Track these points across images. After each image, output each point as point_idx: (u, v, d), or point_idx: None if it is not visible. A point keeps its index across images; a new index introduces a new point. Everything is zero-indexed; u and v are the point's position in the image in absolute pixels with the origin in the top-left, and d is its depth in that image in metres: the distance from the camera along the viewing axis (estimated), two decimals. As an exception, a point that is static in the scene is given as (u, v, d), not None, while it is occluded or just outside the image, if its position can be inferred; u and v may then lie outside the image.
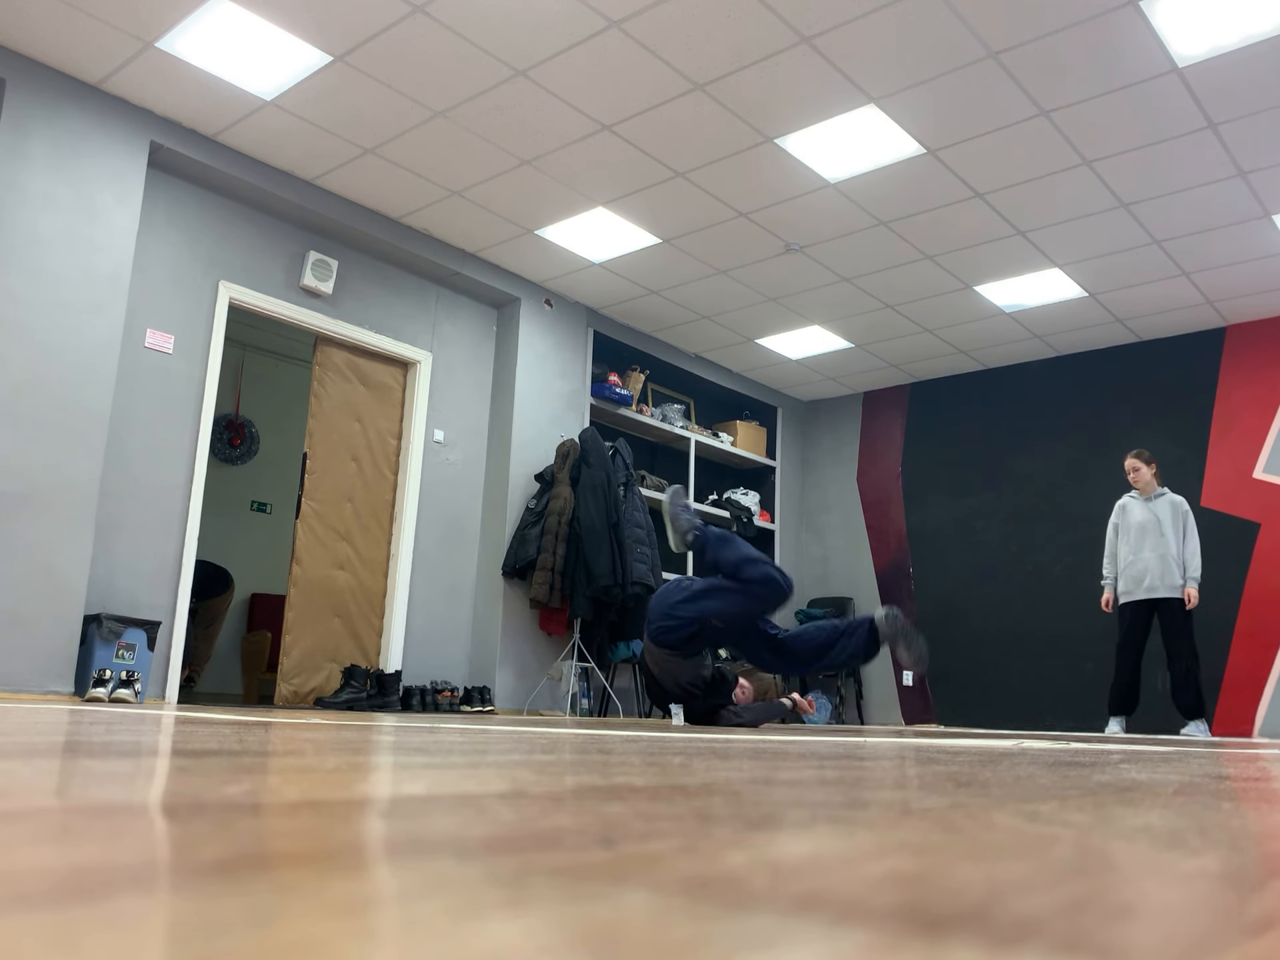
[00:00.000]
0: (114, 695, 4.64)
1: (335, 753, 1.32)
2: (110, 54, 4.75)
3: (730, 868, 0.47)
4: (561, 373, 7.17)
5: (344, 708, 5.55)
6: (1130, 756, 2.15)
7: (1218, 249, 6.09)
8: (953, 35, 4.34)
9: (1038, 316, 7.20)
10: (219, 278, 5.64)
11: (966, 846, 0.58)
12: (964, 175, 5.43)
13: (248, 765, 1.04)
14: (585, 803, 0.75)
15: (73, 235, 4.87)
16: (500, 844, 0.52)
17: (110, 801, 0.66)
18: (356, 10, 4.36)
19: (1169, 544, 5.84)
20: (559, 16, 4.33)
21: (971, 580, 7.99)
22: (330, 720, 3.05)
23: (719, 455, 8.54)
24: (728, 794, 0.88)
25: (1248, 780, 1.42)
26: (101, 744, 1.36)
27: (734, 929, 0.34)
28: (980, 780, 1.19)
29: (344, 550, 6.13)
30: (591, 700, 6.95)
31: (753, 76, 4.68)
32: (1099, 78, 4.57)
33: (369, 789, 0.82)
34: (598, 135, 5.21)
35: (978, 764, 1.61)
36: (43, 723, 2.01)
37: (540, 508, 6.63)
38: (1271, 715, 6.55)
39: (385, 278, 6.45)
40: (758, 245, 6.34)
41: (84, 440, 4.82)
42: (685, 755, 1.58)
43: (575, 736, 2.31)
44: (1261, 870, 0.53)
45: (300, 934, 0.31)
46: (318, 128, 5.27)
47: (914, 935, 0.34)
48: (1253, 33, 4.25)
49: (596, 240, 6.36)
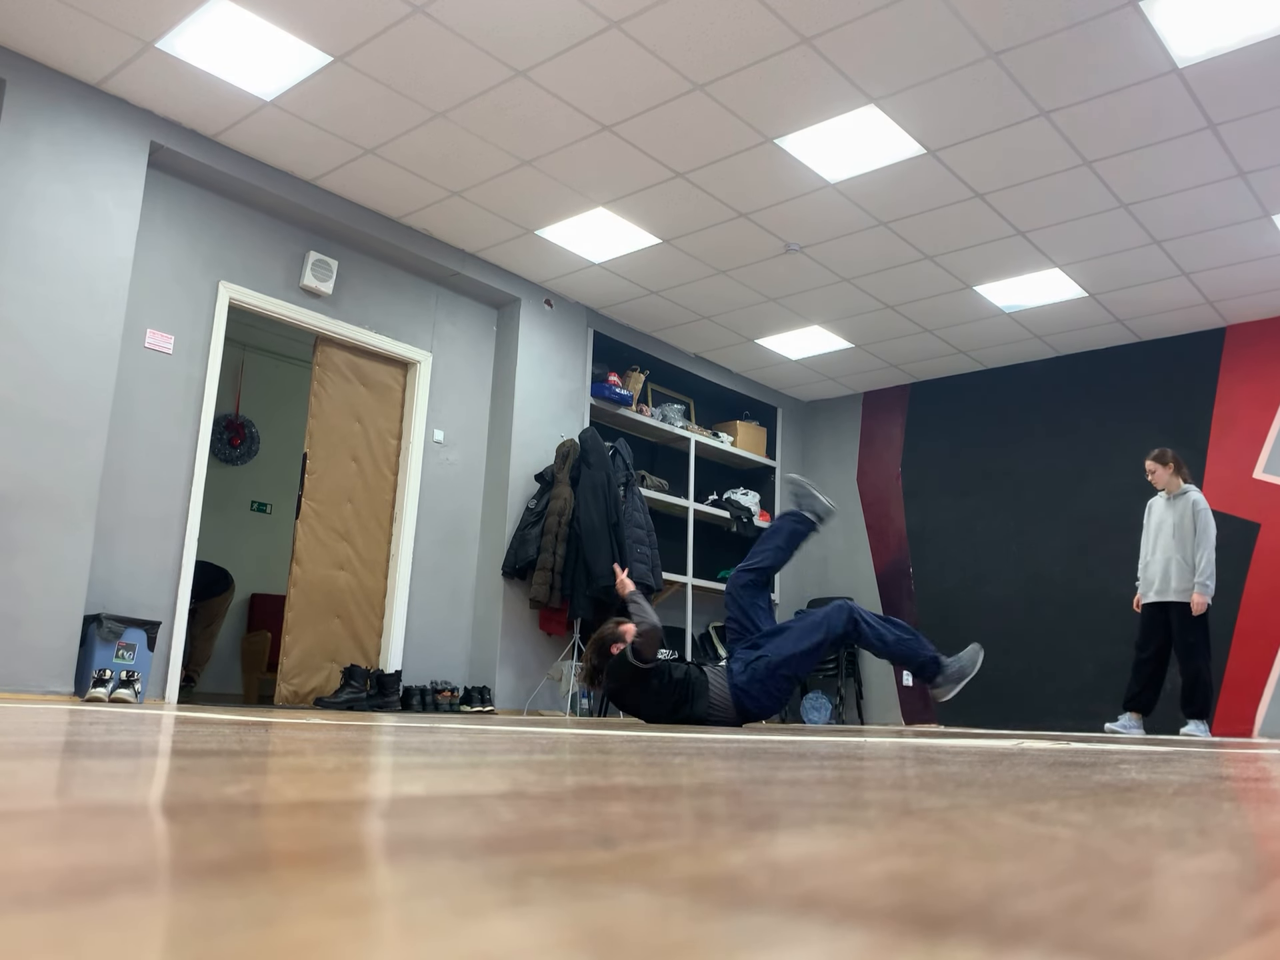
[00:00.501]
0: (114, 695, 4.64)
1: (335, 753, 1.32)
2: (110, 54, 4.75)
3: (730, 868, 0.47)
4: (561, 373, 7.17)
5: (344, 708, 5.55)
6: (1130, 756, 2.15)
7: (1218, 249, 6.09)
8: (953, 35, 4.34)
9: (1038, 316, 7.20)
10: (219, 278, 5.64)
11: (966, 847, 0.58)
12: (964, 175, 5.43)
13: (248, 765, 1.04)
14: (585, 803, 0.75)
15: (73, 235, 4.87)
16: (500, 844, 0.52)
17: (110, 801, 0.66)
18: (356, 10, 4.36)
19: (1177, 546, 5.78)
20: (559, 16, 4.33)
21: (971, 580, 7.99)
22: (330, 720, 3.05)
23: (719, 455, 8.54)
24: (728, 794, 0.88)
25: (1248, 780, 1.42)
26: (101, 744, 1.36)
27: (734, 929, 0.34)
28: (980, 780, 1.19)
29: (344, 550, 6.13)
30: (591, 700, 6.96)
31: (753, 76, 4.68)
32: (1099, 78, 4.58)
33: (369, 789, 0.82)
34: (598, 135, 5.21)
35: (978, 764, 1.61)
36: (42, 723, 2.01)
37: (540, 508, 6.63)
38: (1271, 715, 6.55)
39: (385, 278, 6.45)
40: (758, 245, 6.34)
41: (84, 440, 4.82)
42: (685, 755, 1.58)
43: (575, 737, 2.31)
44: (1261, 870, 0.53)
45: (300, 934, 0.31)
46: (318, 128, 5.27)
47: (914, 935, 0.34)
48: (1253, 33, 4.25)
49: (596, 240, 6.36)
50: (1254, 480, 6.87)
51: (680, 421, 8.06)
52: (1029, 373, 8.02)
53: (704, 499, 8.28)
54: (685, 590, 7.83)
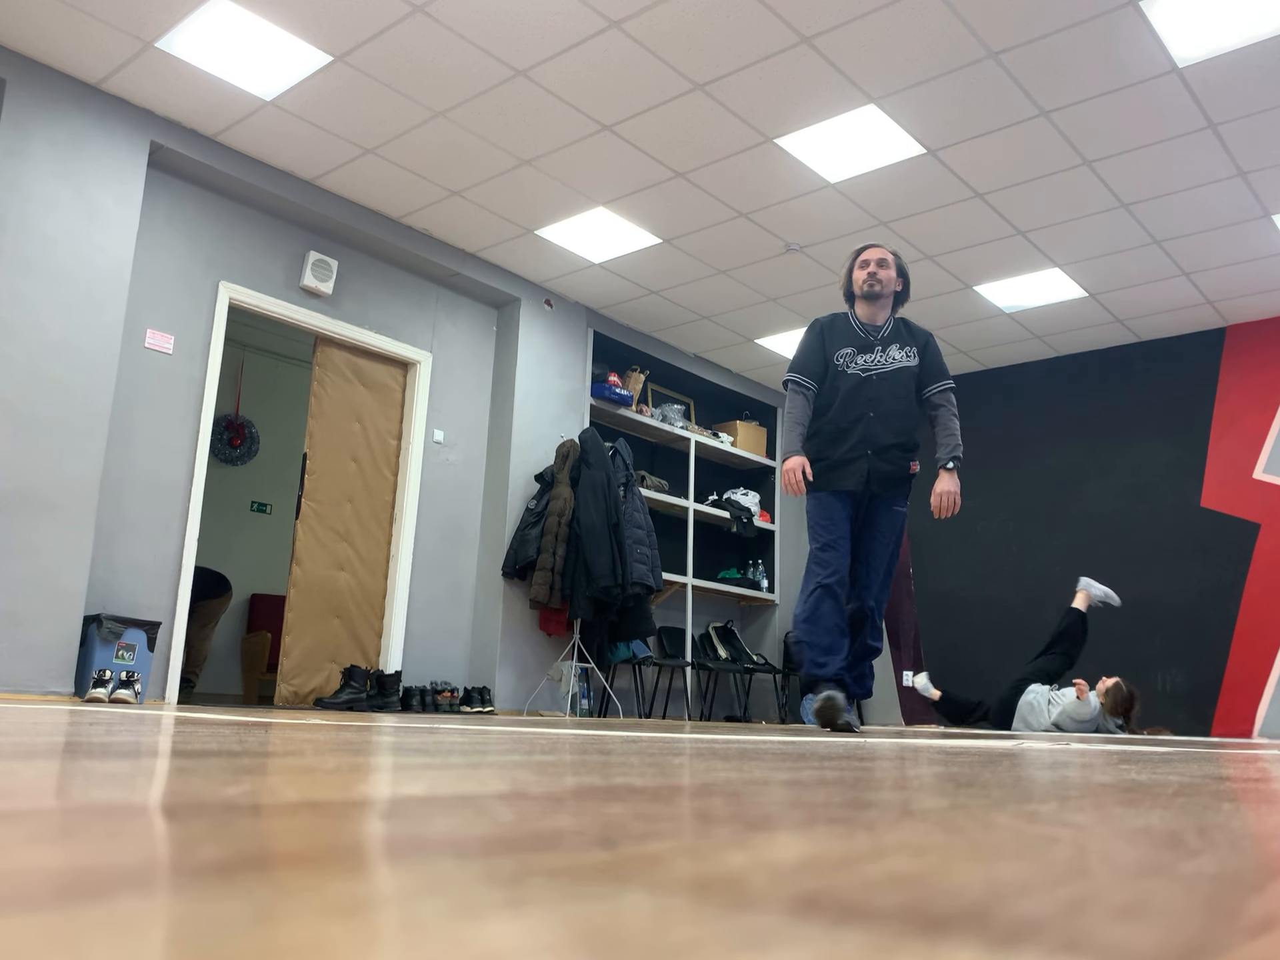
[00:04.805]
0: (114, 696, 4.64)
1: (335, 753, 1.32)
2: (110, 54, 4.75)
3: (730, 868, 0.47)
4: (561, 373, 7.17)
5: (344, 708, 5.55)
6: (1130, 757, 2.15)
7: (1218, 249, 6.09)
8: (953, 35, 4.34)
9: (1038, 316, 7.20)
10: (219, 278, 5.64)
11: (966, 847, 0.58)
12: (964, 175, 5.43)
13: (247, 766, 1.04)
14: (585, 803, 0.75)
15: (73, 235, 4.87)
16: (500, 845, 0.52)
17: (110, 802, 0.66)
18: (356, 10, 4.36)
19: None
20: (559, 16, 4.33)
21: (971, 580, 7.99)
22: (330, 721, 3.05)
23: (719, 455, 8.54)
24: (728, 794, 0.88)
25: (1248, 781, 1.42)
26: (101, 744, 1.36)
27: (734, 929, 0.34)
28: (980, 781, 1.19)
29: (344, 551, 6.13)
30: (591, 701, 6.95)
31: (753, 76, 4.68)
32: (1099, 78, 4.58)
33: (369, 790, 0.82)
34: (598, 135, 5.21)
35: (978, 764, 1.61)
36: (42, 723, 2.01)
37: (540, 508, 6.63)
38: (1271, 715, 6.55)
39: (385, 278, 6.45)
40: (758, 245, 6.34)
41: (84, 440, 4.82)
42: (685, 756, 1.58)
43: (575, 737, 2.31)
44: (1261, 871, 0.53)
45: (300, 935, 0.31)
46: (318, 128, 5.27)
47: (914, 936, 0.34)
48: (1253, 33, 4.25)
49: (596, 240, 6.36)
50: (1254, 480, 6.87)
51: (680, 421, 8.06)
52: (1029, 373, 8.02)
53: (704, 499, 8.27)
54: (685, 590, 7.83)
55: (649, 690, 7.69)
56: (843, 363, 4.23)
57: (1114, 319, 7.18)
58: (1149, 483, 7.31)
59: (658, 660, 7.47)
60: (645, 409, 7.83)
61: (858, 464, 4.17)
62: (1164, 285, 6.61)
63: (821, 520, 4.21)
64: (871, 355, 4.24)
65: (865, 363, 4.23)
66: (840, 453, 4.19)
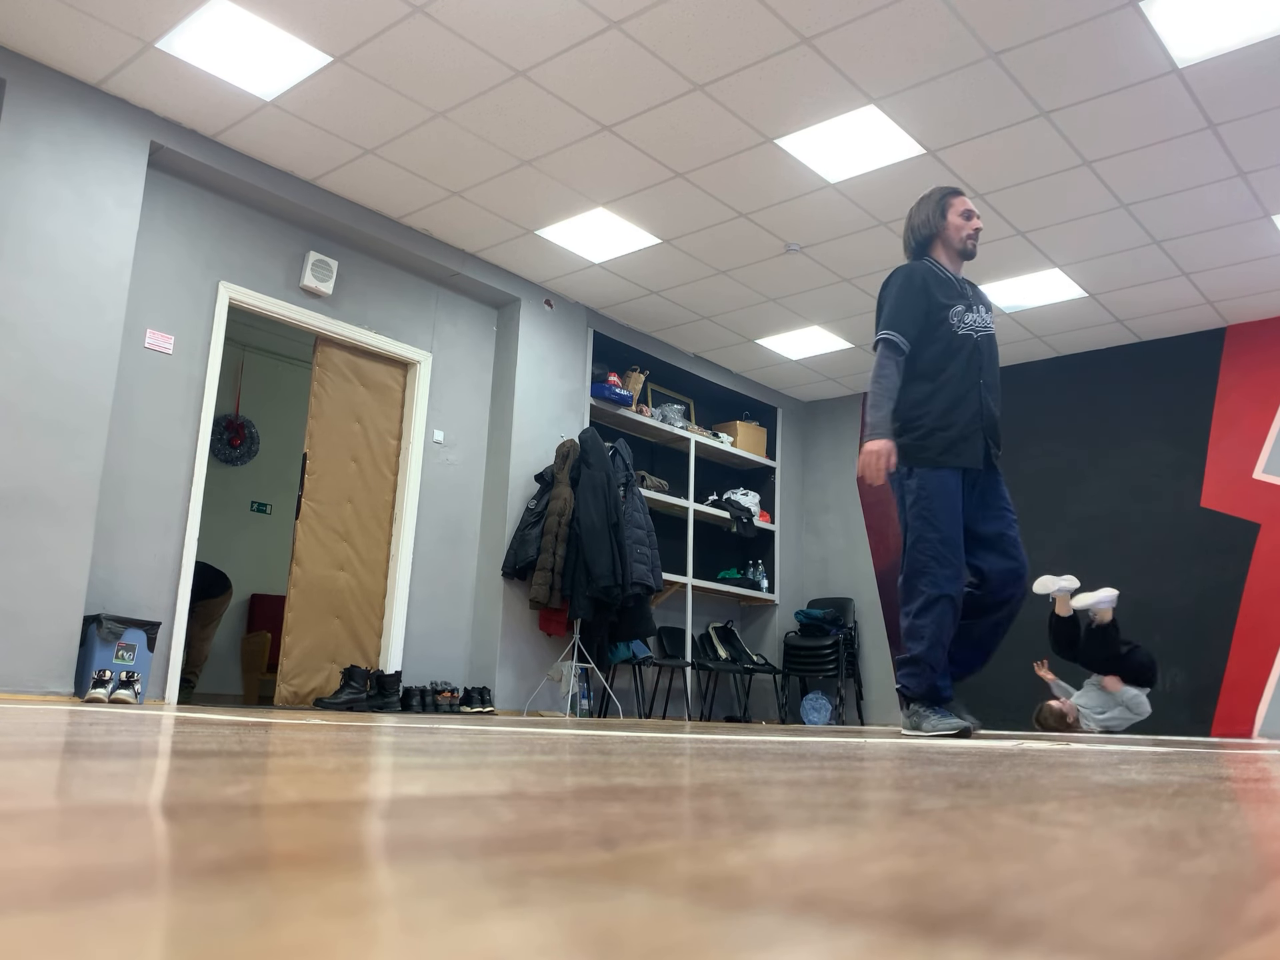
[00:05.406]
0: (114, 696, 4.64)
1: (335, 754, 1.32)
2: (110, 54, 4.75)
3: (730, 868, 0.47)
4: (561, 373, 7.17)
5: (344, 708, 5.55)
6: (1130, 757, 2.15)
7: (1218, 249, 6.09)
8: (953, 35, 4.34)
9: (1038, 317, 7.20)
10: (219, 278, 5.64)
11: (966, 847, 0.58)
12: (964, 175, 5.43)
13: (247, 766, 1.04)
14: (585, 803, 0.75)
15: (73, 235, 4.87)
16: (500, 845, 0.52)
17: (110, 802, 0.66)
18: (356, 11, 4.36)
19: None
20: (559, 16, 4.33)
21: (971, 580, 7.98)
22: (330, 721, 3.05)
23: (719, 456, 8.54)
24: (728, 794, 0.88)
25: (1248, 781, 1.42)
26: (101, 744, 1.36)
27: (734, 930, 0.34)
28: (980, 781, 1.19)
29: (344, 551, 6.13)
30: (591, 701, 6.96)
31: (753, 77, 4.68)
32: (1099, 78, 4.58)
33: (369, 790, 0.82)
34: (598, 135, 5.21)
35: (978, 765, 1.61)
36: (42, 723, 2.01)
37: (540, 508, 6.63)
38: (1271, 715, 6.55)
39: (385, 278, 6.45)
40: (758, 245, 6.34)
41: (84, 440, 4.82)
42: (685, 756, 1.58)
43: (575, 737, 2.31)
44: (1261, 871, 0.53)
45: (300, 934, 0.31)
46: (318, 128, 5.27)
47: (914, 936, 0.34)
48: (1253, 34, 4.25)
49: (596, 240, 6.36)
50: (1254, 480, 6.87)
51: (680, 422, 8.06)
52: (1029, 373, 8.02)
53: (704, 499, 8.27)
54: (685, 590, 7.83)
55: (649, 690, 7.69)
56: (956, 320, 3.71)
57: (1114, 319, 7.18)
58: (1149, 483, 7.31)
59: (658, 660, 7.47)
60: (645, 409, 7.83)
61: (976, 438, 3.66)
62: (1164, 285, 6.61)
63: (943, 505, 3.60)
64: (975, 314, 3.76)
65: (972, 322, 3.75)
66: (964, 423, 3.65)
